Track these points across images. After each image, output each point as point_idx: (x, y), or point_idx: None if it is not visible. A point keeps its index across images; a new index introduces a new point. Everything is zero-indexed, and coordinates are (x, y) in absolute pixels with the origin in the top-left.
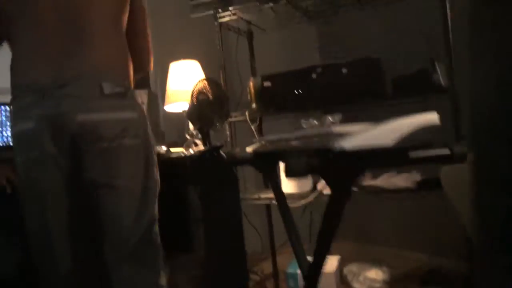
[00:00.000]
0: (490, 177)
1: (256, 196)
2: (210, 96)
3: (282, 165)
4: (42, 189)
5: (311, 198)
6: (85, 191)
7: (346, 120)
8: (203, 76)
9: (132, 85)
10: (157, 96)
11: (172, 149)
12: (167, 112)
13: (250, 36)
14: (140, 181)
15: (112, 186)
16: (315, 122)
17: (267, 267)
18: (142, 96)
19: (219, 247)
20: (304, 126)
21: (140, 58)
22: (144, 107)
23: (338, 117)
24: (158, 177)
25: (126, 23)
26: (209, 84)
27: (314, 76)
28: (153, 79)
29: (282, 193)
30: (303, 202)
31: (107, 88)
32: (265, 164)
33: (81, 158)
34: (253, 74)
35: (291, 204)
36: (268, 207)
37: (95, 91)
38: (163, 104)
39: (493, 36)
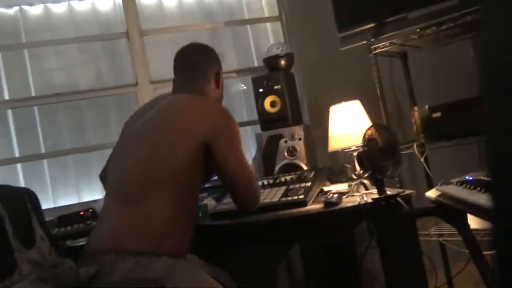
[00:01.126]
0: None
1: (430, 231)
2: (380, 142)
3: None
4: None
5: None
6: None
7: None
8: (366, 117)
9: None
10: (310, 130)
11: (336, 186)
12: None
13: (404, 57)
14: None
15: None
16: None
17: None
18: (297, 132)
19: None
20: None
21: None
22: (301, 142)
23: None
24: None
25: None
26: (378, 130)
27: None
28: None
29: (476, 243)
30: None
31: None
32: (453, 217)
33: None
34: (412, 100)
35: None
36: (442, 246)
37: None
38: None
39: None
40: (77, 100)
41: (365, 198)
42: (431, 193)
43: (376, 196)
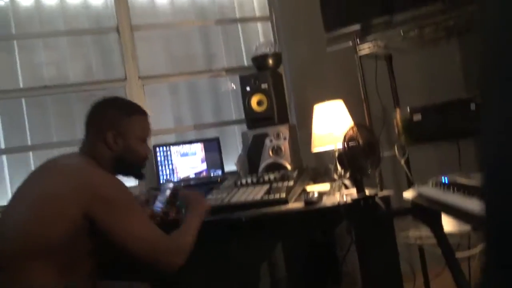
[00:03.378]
0: None
1: (409, 235)
2: (361, 142)
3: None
4: None
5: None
6: None
7: None
8: (348, 116)
9: None
10: (296, 129)
11: (318, 186)
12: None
13: (389, 60)
14: None
15: None
16: None
17: None
18: (283, 131)
19: None
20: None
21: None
22: (286, 141)
23: None
24: None
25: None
26: (359, 130)
27: (472, 107)
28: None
29: (449, 245)
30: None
31: None
32: (428, 217)
33: None
34: (396, 102)
35: (459, 255)
36: (421, 249)
37: None
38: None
39: None
40: (65, 93)
41: (345, 198)
42: (408, 194)
43: (356, 196)
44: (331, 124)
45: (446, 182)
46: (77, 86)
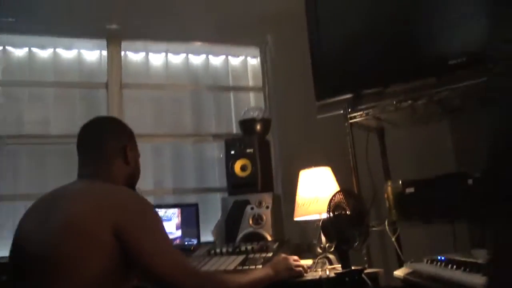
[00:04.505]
0: None
1: None
2: (348, 210)
3: None
4: None
5: None
6: None
7: None
8: (335, 184)
9: None
10: (280, 199)
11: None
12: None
13: (381, 133)
14: None
15: None
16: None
17: None
18: (266, 199)
19: None
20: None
21: None
22: (269, 210)
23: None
24: None
25: None
26: (346, 196)
27: (470, 182)
28: (276, 183)
29: None
30: None
31: None
32: None
33: None
34: (386, 175)
35: None
36: None
37: None
38: (286, 207)
39: None
40: (43, 144)
41: (327, 272)
42: (400, 272)
43: (340, 270)
44: (317, 191)
45: (443, 259)
46: (56, 138)
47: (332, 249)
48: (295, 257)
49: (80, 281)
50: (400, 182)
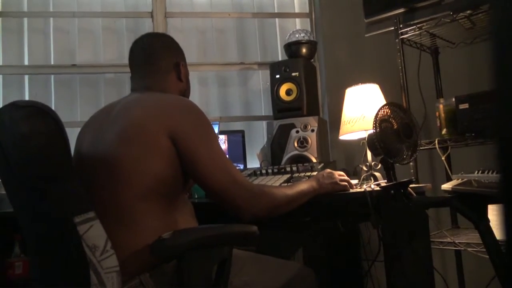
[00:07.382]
0: None
1: (447, 240)
2: (395, 124)
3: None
4: None
5: None
6: None
7: None
8: (383, 101)
9: None
10: (327, 123)
11: None
12: (339, 140)
13: (435, 52)
14: None
15: None
16: None
17: None
18: (311, 123)
19: None
20: None
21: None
22: (314, 133)
23: None
24: None
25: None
26: (394, 109)
27: None
28: (322, 108)
29: (497, 244)
30: None
31: None
32: (471, 208)
33: None
34: (439, 95)
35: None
36: (458, 253)
37: None
38: (332, 132)
39: None
40: (94, 73)
41: (372, 186)
42: (449, 184)
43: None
44: (364, 109)
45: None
46: (106, 67)
47: (378, 167)
48: (341, 172)
49: (140, 183)
50: (453, 98)
